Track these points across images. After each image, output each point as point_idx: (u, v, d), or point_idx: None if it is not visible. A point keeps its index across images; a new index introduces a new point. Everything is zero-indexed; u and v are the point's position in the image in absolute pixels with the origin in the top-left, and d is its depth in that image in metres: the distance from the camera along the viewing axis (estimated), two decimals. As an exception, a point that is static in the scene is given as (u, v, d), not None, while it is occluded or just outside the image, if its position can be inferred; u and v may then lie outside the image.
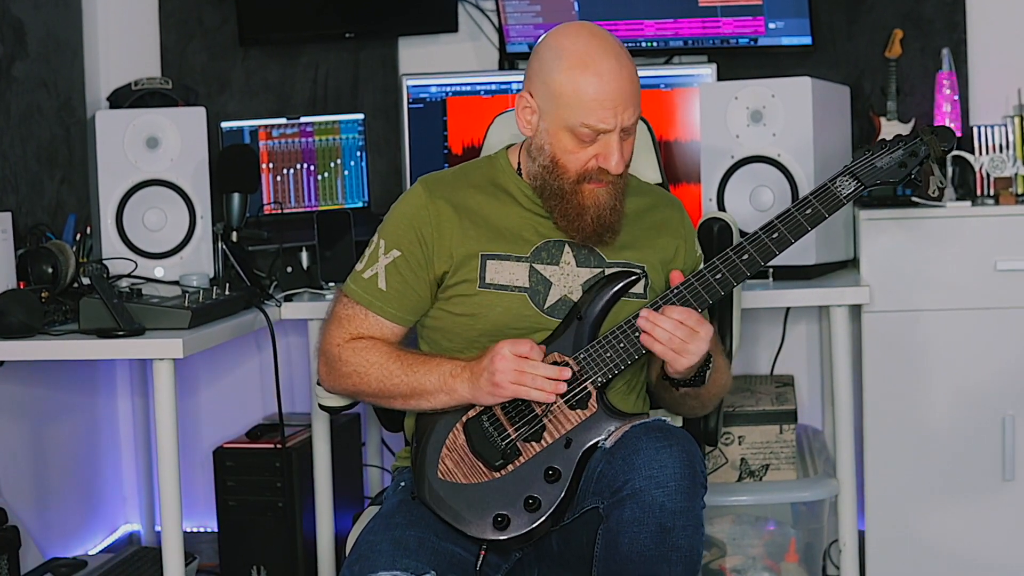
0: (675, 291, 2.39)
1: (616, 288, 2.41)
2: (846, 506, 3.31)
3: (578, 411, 2.37)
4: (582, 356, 2.39)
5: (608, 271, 2.46)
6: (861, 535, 3.42)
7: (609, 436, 2.33)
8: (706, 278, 2.39)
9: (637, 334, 2.37)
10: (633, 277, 2.42)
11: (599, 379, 2.38)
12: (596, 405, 2.37)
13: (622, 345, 2.38)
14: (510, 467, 2.36)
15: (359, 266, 2.51)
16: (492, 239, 2.46)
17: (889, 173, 2.44)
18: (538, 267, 2.45)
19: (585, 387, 2.38)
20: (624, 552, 2.22)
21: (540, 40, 2.44)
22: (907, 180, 2.45)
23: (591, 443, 2.35)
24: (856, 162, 2.45)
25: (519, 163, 2.52)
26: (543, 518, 2.33)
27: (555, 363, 2.37)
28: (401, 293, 2.46)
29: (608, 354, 2.39)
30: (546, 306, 2.44)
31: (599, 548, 2.27)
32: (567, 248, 2.46)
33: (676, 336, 2.33)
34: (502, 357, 2.32)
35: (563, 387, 2.34)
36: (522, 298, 2.44)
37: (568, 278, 2.45)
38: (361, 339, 2.47)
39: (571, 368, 2.37)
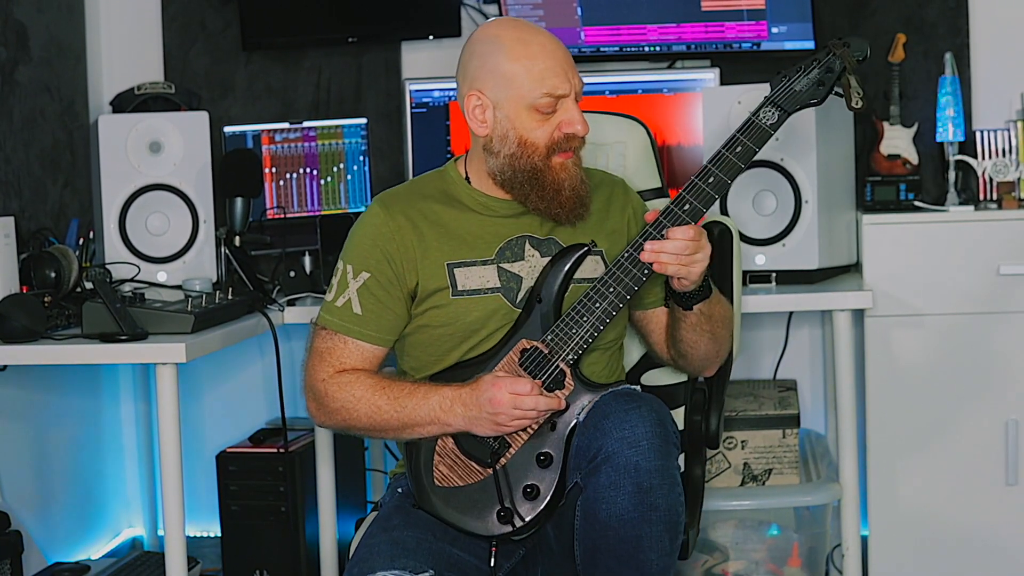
0: (630, 245, 2.42)
1: (568, 264, 2.44)
2: (849, 511, 3.31)
3: (556, 391, 2.39)
4: (549, 338, 2.41)
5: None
6: (864, 540, 3.41)
7: (583, 410, 2.36)
8: (652, 235, 2.40)
9: (598, 305, 2.41)
10: (583, 250, 2.45)
11: (570, 356, 2.41)
12: (572, 382, 2.40)
13: (585, 319, 2.41)
14: (502, 460, 2.39)
15: (329, 296, 2.51)
16: (455, 248, 2.48)
17: (809, 94, 2.45)
18: (505, 266, 2.48)
19: (558, 366, 2.40)
20: (603, 519, 2.24)
21: (468, 43, 2.50)
22: (827, 96, 2.45)
23: (575, 421, 2.38)
24: (775, 91, 2.45)
25: (467, 173, 2.54)
26: (544, 504, 2.36)
27: (524, 349, 2.41)
28: (377, 314, 2.47)
29: (574, 330, 2.41)
30: (518, 300, 2.47)
31: (578, 520, 2.29)
32: (527, 243, 2.49)
33: (683, 253, 2.36)
34: (500, 401, 2.33)
35: (564, 404, 2.38)
36: (496, 298, 2.46)
37: (535, 270, 2.48)
38: (344, 372, 2.47)
39: (567, 386, 2.40)
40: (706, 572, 3.46)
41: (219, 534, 3.71)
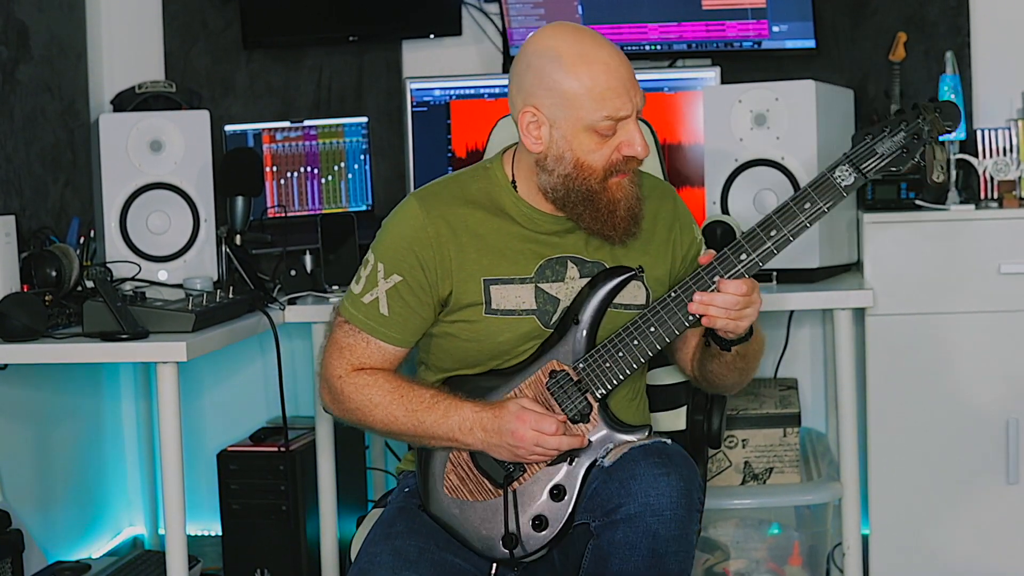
0: (679, 286, 2.34)
1: (609, 288, 2.36)
2: (850, 509, 3.31)
3: (580, 425, 2.34)
4: (581, 366, 2.35)
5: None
6: (865, 539, 3.41)
7: (608, 454, 2.31)
8: (703, 280, 2.33)
9: (635, 342, 2.34)
10: (627, 275, 2.37)
11: (600, 391, 2.35)
12: (598, 419, 2.35)
13: (620, 355, 2.34)
14: (515, 484, 2.35)
15: (356, 287, 2.41)
16: (494, 262, 2.38)
17: (892, 160, 2.31)
18: (543, 286, 2.38)
19: (586, 399, 2.35)
20: (614, 571, 2.22)
21: (524, 52, 2.34)
22: (909, 164, 2.32)
23: (593, 459, 2.34)
24: (855, 149, 2.32)
25: (513, 176, 2.42)
26: (551, 537, 2.33)
27: (554, 371, 2.35)
28: (404, 317, 2.38)
29: (607, 364, 2.35)
30: (553, 322, 2.39)
31: (586, 563, 2.27)
32: (570, 263, 2.40)
33: (733, 308, 2.29)
34: (523, 436, 2.28)
35: (587, 442, 2.34)
36: (531, 320, 2.38)
37: (575, 293, 2.38)
38: (363, 371, 2.40)
39: (592, 420, 2.35)
40: (707, 571, 3.46)
41: (220, 533, 3.71)
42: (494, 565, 2.37)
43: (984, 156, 3.52)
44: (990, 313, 3.34)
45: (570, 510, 2.33)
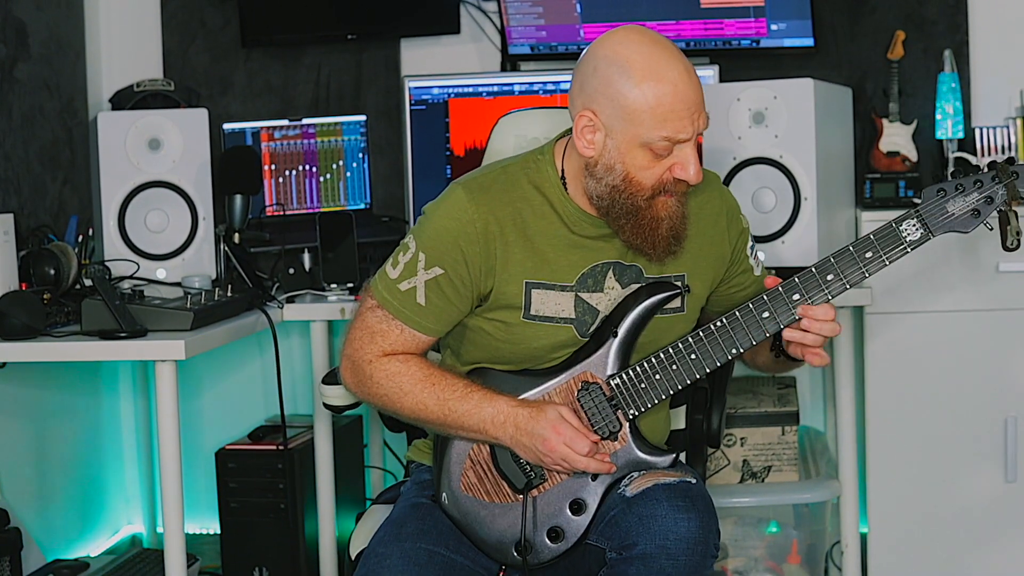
0: (726, 316, 2.31)
1: (650, 303, 2.33)
2: (848, 507, 3.31)
3: (608, 442, 2.32)
4: (616, 382, 2.33)
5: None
6: (863, 537, 3.42)
7: (632, 482, 2.29)
8: (752, 315, 2.30)
9: (674, 367, 2.31)
10: (669, 292, 2.34)
11: (632, 411, 2.33)
12: (627, 438, 2.33)
13: (658, 378, 2.32)
14: (535, 491, 2.33)
15: (392, 272, 2.35)
16: (538, 266, 2.33)
17: (961, 222, 2.26)
18: (584, 296, 2.34)
19: (617, 417, 2.32)
20: None
21: (593, 53, 2.27)
22: (976, 227, 2.25)
23: (616, 478, 2.32)
24: (926, 204, 2.25)
25: (563, 171, 2.36)
26: (565, 549, 2.32)
27: (586, 383, 2.32)
28: (440, 309, 2.33)
29: (643, 386, 2.32)
30: (589, 332, 2.36)
31: None
32: (610, 273, 2.35)
33: (825, 337, 2.30)
34: (552, 447, 2.25)
35: (614, 468, 2.32)
36: (568, 329, 2.34)
37: (614, 304, 2.35)
38: (394, 356, 2.36)
39: (621, 439, 2.32)
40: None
41: (218, 531, 3.71)
42: (502, 569, 2.36)
43: (982, 154, 3.52)
44: (988, 311, 3.34)
45: (587, 525, 2.32)
